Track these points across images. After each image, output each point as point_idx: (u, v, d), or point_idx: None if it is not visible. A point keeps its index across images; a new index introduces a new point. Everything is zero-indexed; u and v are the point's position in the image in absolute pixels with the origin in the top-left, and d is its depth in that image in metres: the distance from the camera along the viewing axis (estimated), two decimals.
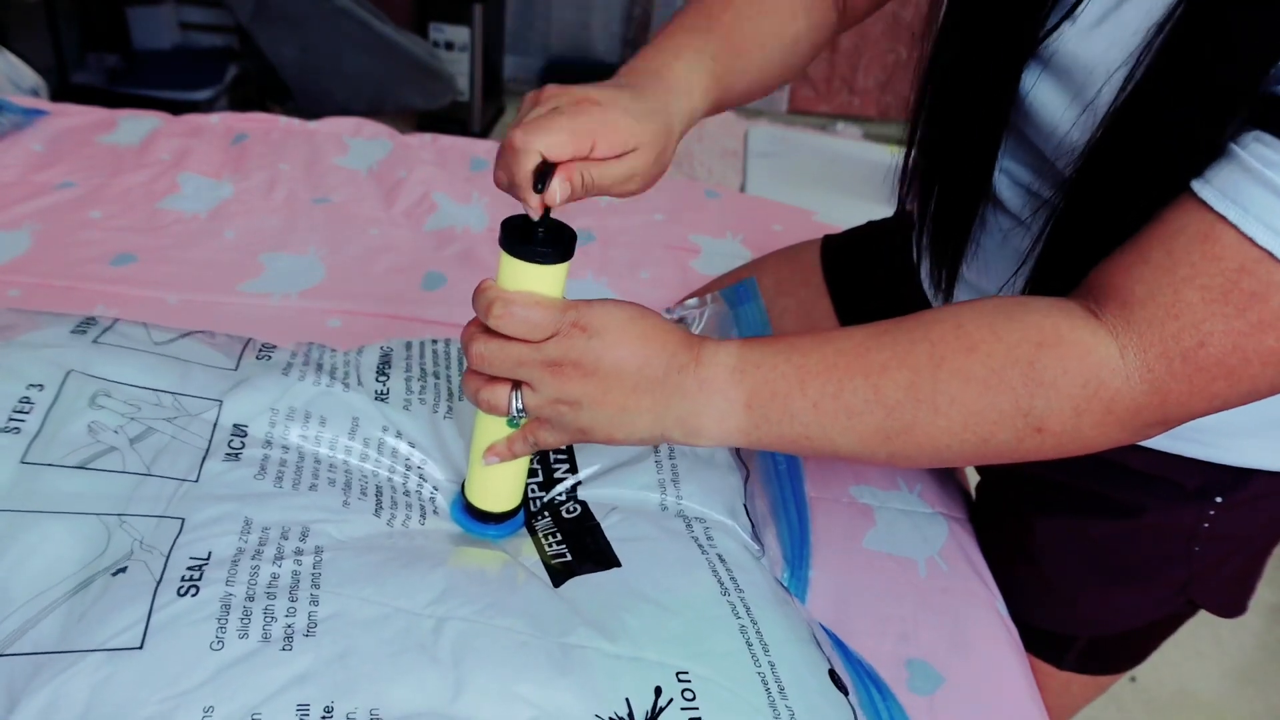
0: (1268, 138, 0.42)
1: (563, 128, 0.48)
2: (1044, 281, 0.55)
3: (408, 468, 0.63)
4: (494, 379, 0.53)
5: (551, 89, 0.51)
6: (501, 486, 0.59)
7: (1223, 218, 0.43)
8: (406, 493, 0.61)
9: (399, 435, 0.64)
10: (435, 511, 0.61)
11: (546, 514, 0.62)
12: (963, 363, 0.49)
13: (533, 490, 0.64)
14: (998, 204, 0.61)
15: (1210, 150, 0.44)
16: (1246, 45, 0.42)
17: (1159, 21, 0.45)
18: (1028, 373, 0.48)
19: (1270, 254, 0.42)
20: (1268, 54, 0.42)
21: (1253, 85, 0.43)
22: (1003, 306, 0.50)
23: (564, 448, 0.65)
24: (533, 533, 0.61)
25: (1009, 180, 0.60)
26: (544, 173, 0.48)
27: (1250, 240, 0.43)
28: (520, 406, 0.53)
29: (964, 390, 0.48)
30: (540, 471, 0.65)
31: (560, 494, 0.64)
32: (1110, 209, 0.50)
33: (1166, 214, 0.46)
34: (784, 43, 0.64)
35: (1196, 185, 0.45)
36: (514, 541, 0.60)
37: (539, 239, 0.50)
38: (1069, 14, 0.50)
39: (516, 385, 0.53)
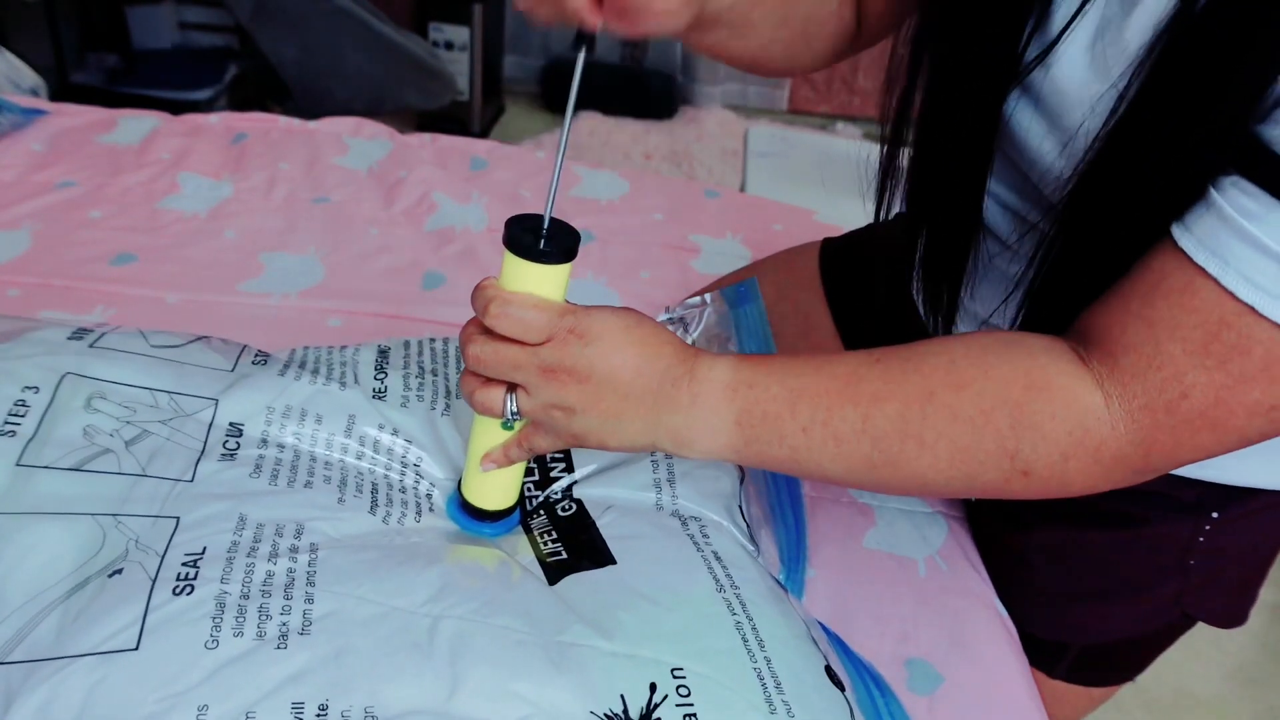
0: (1247, 185, 0.41)
1: None
2: (1036, 308, 0.55)
3: (404, 465, 0.63)
4: (490, 381, 0.53)
5: None
6: (498, 485, 0.59)
7: (1203, 270, 0.43)
8: (403, 490, 0.61)
9: (395, 432, 0.64)
10: (431, 509, 0.61)
11: (542, 512, 0.62)
12: (952, 399, 0.49)
13: (529, 489, 0.64)
14: (986, 228, 0.61)
15: (1190, 190, 0.44)
16: (1227, 83, 0.41)
17: (1138, 56, 0.45)
18: (1015, 415, 0.48)
19: (1251, 308, 0.42)
20: (1248, 92, 0.41)
21: (1233, 125, 0.42)
22: (995, 344, 0.50)
23: None
24: (528, 531, 0.61)
25: (996, 204, 0.60)
26: (584, 39, 0.47)
27: (1230, 294, 0.42)
28: (515, 409, 0.53)
29: (951, 427, 0.49)
30: (536, 470, 0.65)
31: (556, 493, 0.64)
32: (1097, 241, 0.49)
33: (1149, 260, 0.46)
34: (804, 11, 0.63)
35: (1177, 233, 0.44)
36: (509, 540, 0.60)
37: (543, 238, 0.50)
38: (1052, 46, 0.49)
39: (512, 388, 0.53)
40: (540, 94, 3.20)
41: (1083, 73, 0.48)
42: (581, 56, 0.48)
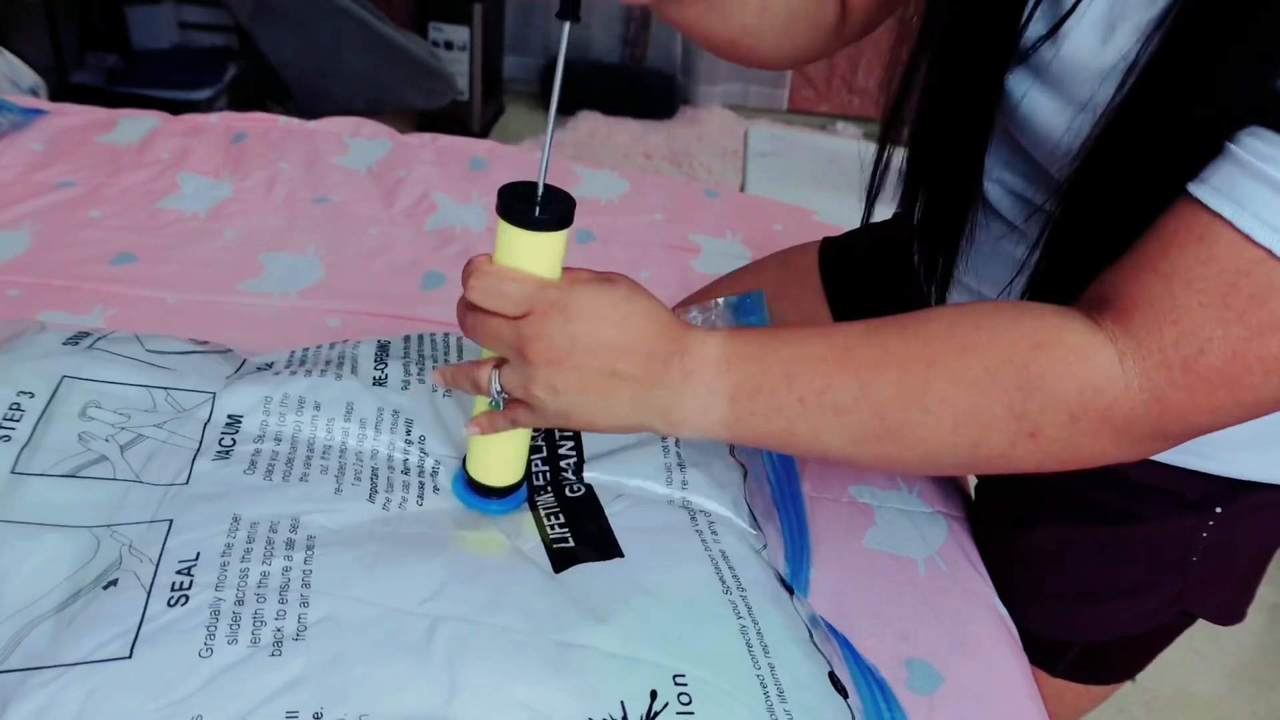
0: (1264, 131, 0.41)
1: None
2: (1042, 289, 0.54)
3: (408, 443, 0.62)
4: (480, 360, 0.52)
5: None
6: (503, 460, 0.58)
7: (1219, 216, 0.42)
8: (406, 470, 0.60)
9: (396, 413, 0.63)
10: (435, 489, 0.60)
11: (549, 490, 0.61)
12: (955, 362, 0.47)
13: (536, 465, 0.63)
14: (992, 211, 0.61)
15: (1208, 152, 0.43)
16: (1246, 46, 0.41)
17: (1155, 23, 0.44)
18: (1022, 374, 0.46)
19: (1270, 252, 0.41)
20: (1268, 54, 0.40)
21: (1252, 84, 0.41)
22: (1000, 308, 0.49)
23: None
24: (534, 508, 0.60)
25: (1002, 189, 0.60)
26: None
27: (1248, 238, 0.41)
28: (499, 387, 0.52)
29: (955, 390, 0.47)
30: (545, 446, 0.64)
31: (566, 473, 0.63)
32: (1108, 215, 0.49)
33: (1164, 218, 0.45)
34: None
35: (1192, 186, 0.43)
36: (514, 520, 0.59)
37: (536, 205, 0.49)
38: (1057, 27, 0.48)
39: (499, 365, 0.52)
40: (540, 94, 3.20)
41: (1094, 47, 0.47)
42: (566, 27, 0.47)
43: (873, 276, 0.85)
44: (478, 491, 0.59)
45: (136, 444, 0.57)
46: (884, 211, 0.92)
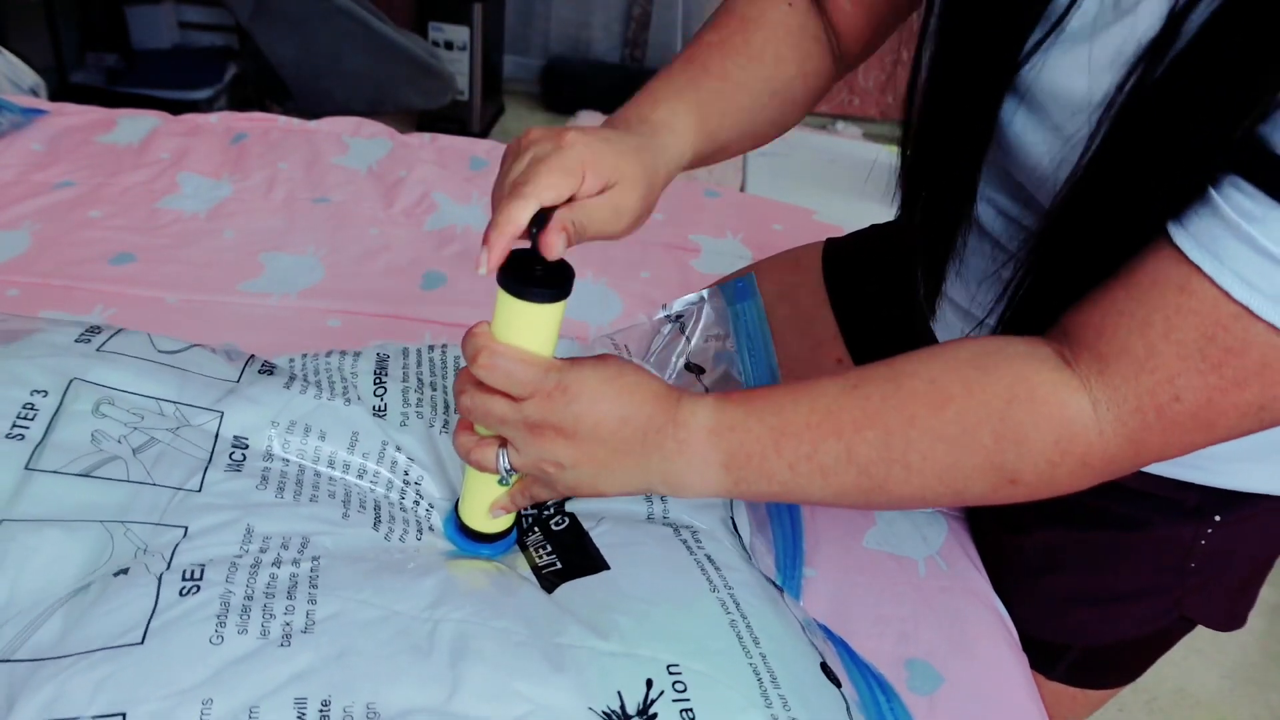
0: (1246, 186, 0.41)
1: (552, 171, 0.47)
2: (1025, 311, 0.55)
3: (405, 483, 0.63)
4: (483, 440, 0.54)
5: (535, 133, 0.51)
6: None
7: (1199, 270, 0.43)
8: (403, 509, 0.62)
9: (398, 450, 0.64)
10: (430, 528, 0.61)
11: (536, 529, 0.62)
12: (934, 420, 0.49)
13: (523, 510, 0.64)
14: (983, 231, 0.61)
15: (1188, 192, 0.43)
16: (1226, 87, 0.41)
17: (1135, 58, 0.44)
18: (999, 430, 0.48)
19: (1247, 309, 0.42)
20: (1248, 96, 0.40)
21: (1231, 128, 0.41)
22: (975, 356, 0.50)
23: None
24: (524, 549, 0.61)
25: (994, 210, 0.60)
26: (540, 219, 0.47)
27: (1226, 294, 0.42)
28: (508, 466, 0.54)
29: (935, 448, 0.49)
30: None
31: (549, 509, 0.64)
32: (1089, 245, 0.49)
33: (1144, 260, 0.46)
34: (775, 88, 0.63)
35: (1174, 232, 0.44)
36: (507, 558, 0.60)
37: (537, 277, 0.50)
38: (1040, 42, 0.48)
39: (504, 444, 0.53)
40: (540, 94, 3.20)
41: (1076, 76, 0.47)
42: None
43: (875, 278, 0.85)
44: (470, 536, 0.60)
45: (149, 447, 0.57)
46: (883, 211, 0.92)
